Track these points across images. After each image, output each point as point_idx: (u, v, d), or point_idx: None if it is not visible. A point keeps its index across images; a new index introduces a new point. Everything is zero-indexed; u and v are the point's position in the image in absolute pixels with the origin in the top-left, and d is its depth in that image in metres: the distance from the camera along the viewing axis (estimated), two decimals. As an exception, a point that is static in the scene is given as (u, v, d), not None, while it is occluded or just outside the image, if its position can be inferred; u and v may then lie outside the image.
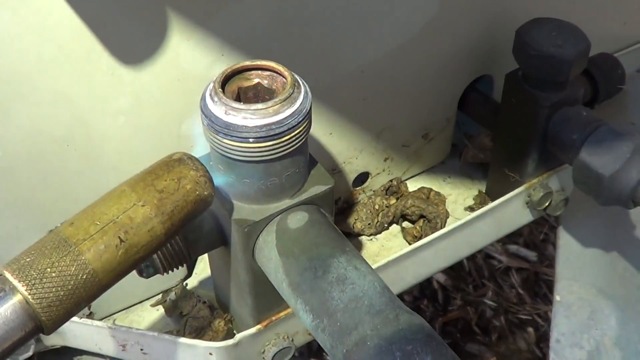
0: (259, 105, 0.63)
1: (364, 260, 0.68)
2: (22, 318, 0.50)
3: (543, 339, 1.67)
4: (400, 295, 0.84)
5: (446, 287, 1.76)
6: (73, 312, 0.53)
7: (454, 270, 1.78)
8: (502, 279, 1.80)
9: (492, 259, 1.82)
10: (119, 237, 0.53)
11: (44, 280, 0.50)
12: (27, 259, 0.51)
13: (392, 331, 0.61)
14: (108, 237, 0.53)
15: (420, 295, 1.72)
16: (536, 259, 1.82)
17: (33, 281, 0.50)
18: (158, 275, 0.77)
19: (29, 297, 0.50)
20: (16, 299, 0.50)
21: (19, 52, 0.64)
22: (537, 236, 1.85)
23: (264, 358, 0.79)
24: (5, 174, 0.71)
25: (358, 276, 0.65)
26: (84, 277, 0.52)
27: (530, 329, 1.70)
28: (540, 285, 1.78)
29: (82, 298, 0.52)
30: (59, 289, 0.51)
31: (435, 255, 0.87)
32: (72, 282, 0.51)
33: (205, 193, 0.59)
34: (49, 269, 0.51)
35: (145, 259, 0.56)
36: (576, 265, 0.98)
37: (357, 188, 0.95)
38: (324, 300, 0.64)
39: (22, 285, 0.50)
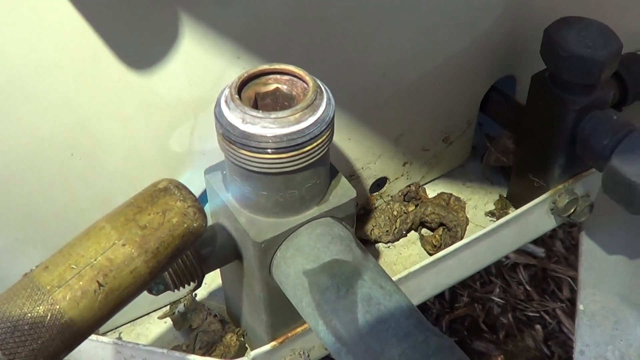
0: (279, 114, 0.58)
1: (389, 277, 0.64)
2: None
3: (551, 336, 1.66)
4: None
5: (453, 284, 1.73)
6: None
7: (462, 267, 1.75)
8: (509, 276, 1.77)
9: (499, 255, 1.79)
10: (97, 281, 0.49)
11: (16, 333, 0.47)
12: None
13: (421, 356, 0.57)
14: (85, 282, 0.49)
15: (427, 293, 1.70)
16: (544, 255, 1.79)
17: (3, 335, 0.46)
18: (166, 286, 0.73)
19: (0, 352, 0.46)
20: None
21: (19, 55, 0.60)
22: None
23: (278, 375, 0.76)
24: (6, 184, 0.67)
25: (383, 295, 0.61)
26: (60, 327, 0.48)
27: (538, 327, 1.68)
28: (548, 282, 1.76)
29: (59, 349, 0.48)
30: (33, 342, 0.47)
31: (457, 265, 0.83)
32: (47, 334, 0.47)
33: (195, 225, 0.53)
34: (20, 321, 0.47)
35: (130, 300, 0.52)
36: (599, 273, 0.95)
37: (374, 194, 0.91)
38: (347, 322, 0.61)
39: None
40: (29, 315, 0.47)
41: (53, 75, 0.62)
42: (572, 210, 0.88)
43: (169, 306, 0.84)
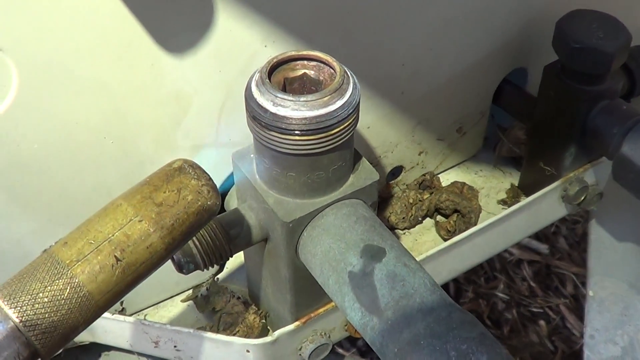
0: (308, 97, 0.61)
1: (412, 256, 0.66)
2: (16, 346, 0.48)
3: (555, 332, 1.67)
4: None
5: (458, 280, 1.75)
6: (70, 337, 0.50)
7: (466, 263, 1.77)
8: (513, 272, 1.79)
9: (504, 251, 1.80)
10: (115, 256, 0.50)
11: (36, 305, 0.48)
12: (19, 284, 0.49)
13: (445, 329, 0.59)
14: (103, 257, 0.50)
15: (432, 288, 1.71)
16: (548, 252, 1.81)
17: (24, 307, 0.48)
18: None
19: (21, 324, 0.48)
20: (8, 326, 0.48)
21: (58, 39, 0.62)
22: (549, 229, 1.84)
23: (300, 355, 0.78)
24: (40, 165, 0.69)
25: (408, 273, 0.64)
26: (79, 300, 0.49)
27: (542, 322, 1.69)
28: (552, 278, 1.78)
29: (78, 322, 0.50)
30: (52, 314, 0.48)
31: (471, 250, 0.85)
32: (65, 307, 0.49)
33: (209, 203, 0.54)
34: (41, 294, 0.48)
35: (147, 275, 0.53)
36: (608, 261, 0.97)
37: (390, 182, 0.93)
38: (373, 298, 0.63)
39: (13, 312, 0.48)
40: (49, 288, 0.48)
41: (90, 59, 0.64)
42: (582, 198, 0.91)
43: (191, 290, 0.86)
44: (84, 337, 0.81)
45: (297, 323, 0.75)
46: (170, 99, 0.70)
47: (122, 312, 0.83)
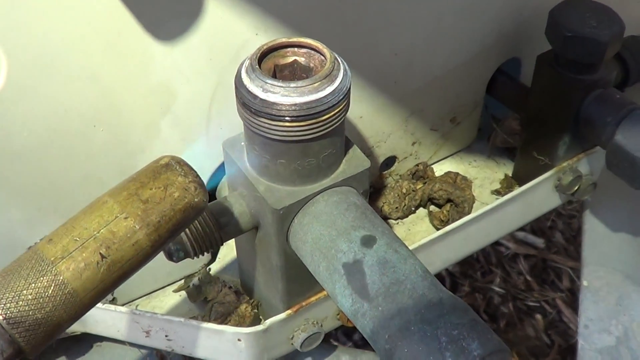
0: (298, 83, 0.60)
1: (403, 243, 0.66)
2: None
3: (551, 325, 1.67)
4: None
5: (454, 274, 1.75)
6: (54, 334, 0.50)
7: (462, 257, 1.77)
8: (509, 266, 1.79)
9: (500, 245, 1.81)
10: (100, 253, 0.50)
11: (20, 303, 0.48)
12: (3, 281, 0.48)
13: (436, 315, 0.59)
14: (88, 254, 0.50)
15: (429, 282, 1.72)
16: (544, 246, 1.81)
17: (8, 304, 0.47)
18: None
19: (4, 321, 0.47)
20: None
21: (48, 27, 0.62)
22: (544, 223, 1.85)
23: (292, 344, 0.78)
24: (30, 154, 0.69)
25: (399, 259, 0.64)
26: (63, 297, 0.49)
27: (539, 316, 1.69)
28: (548, 272, 1.78)
29: (62, 319, 0.49)
30: (36, 311, 0.48)
31: (465, 239, 0.85)
32: (50, 304, 0.48)
33: (196, 200, 0.54)
34: (25, 291, 0.48)
35: (132, 273, 0.53)
36: (602, 251, 0.97)
37: (384, 172, 0.93)
38: (364, 285, 0.62)
39: None
40: (33, 285, 0.48)
41: (80, 48, 0.64)
42: (576, 188, 0.91)
43: (183, 280, 0.86)
44: (75, 327, 0.80)
45: (288, 312, 0.75)
46: (161, 88, 0.70)
47: (113, 301, 0.83)
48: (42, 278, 0.49)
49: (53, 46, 0.63)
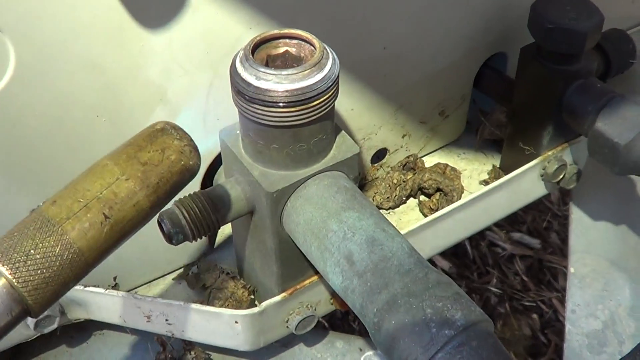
0: (290, 70, 0.64)
1: (391, 223, 0.69)
2: (7, 302, 0.49)
3: (547, 325, 1.68)
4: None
5: (450, 275, 1.77)
6: (60, 293, 0.51)
7: (458, 258, 1.79)
8: (506, 267, 1.81)
9: (496, 246, 1.83)
10: (104, 213, 0.52)
11: (28, 262, 0.49)
12: (10, 242, 0.50)
13: (422, 289, 0.62)
14: (92, 214, 0.51)
15: (426, 282, 1.73)
16: (540, 246, 1.83)
17: (17, 264, 0.49)
18: (179, 250, 0.77)
19: (14, 280, 0.49)
20: (1, 283, 0.49)
21: (54, 19, 0.65)
22: (541, 224, 1.87)
23: (287, 327, 0.81)
24: (37, 143, 0.72)
25: (386, 238, 0.66)
26: (70, 256, 0.50)
27: (535, 316, 1.70)
28: (544, 272, 1.79)
29: (69, 278, 0.51)
30: (44, 270, 0.50)
31: (453, 226, 0.88)
32: (57, 263, 0.50)
33: (191, 162, 0.56)
34: (32, 251, 0.49)
35: (132, 233, 0.55)
36: (589, 238, 1.00)
37: (375, 164, 0.96)
38: (353, 262, 0.65)
39: (6, 269, 0.49)
40: (41, 245, 0.50)
41: (84, 39, 0.67)
42: (561, 176, 0.94)
43: (183, 268, 0.89)
44: (79, 314, 0.83)
45: (283, 294, 0.77)
46: (160, 80, 0.74)
47: (115, 287, 0.85)
48: (49, 238, 0.50)
49: (58, 38, 0.66)
